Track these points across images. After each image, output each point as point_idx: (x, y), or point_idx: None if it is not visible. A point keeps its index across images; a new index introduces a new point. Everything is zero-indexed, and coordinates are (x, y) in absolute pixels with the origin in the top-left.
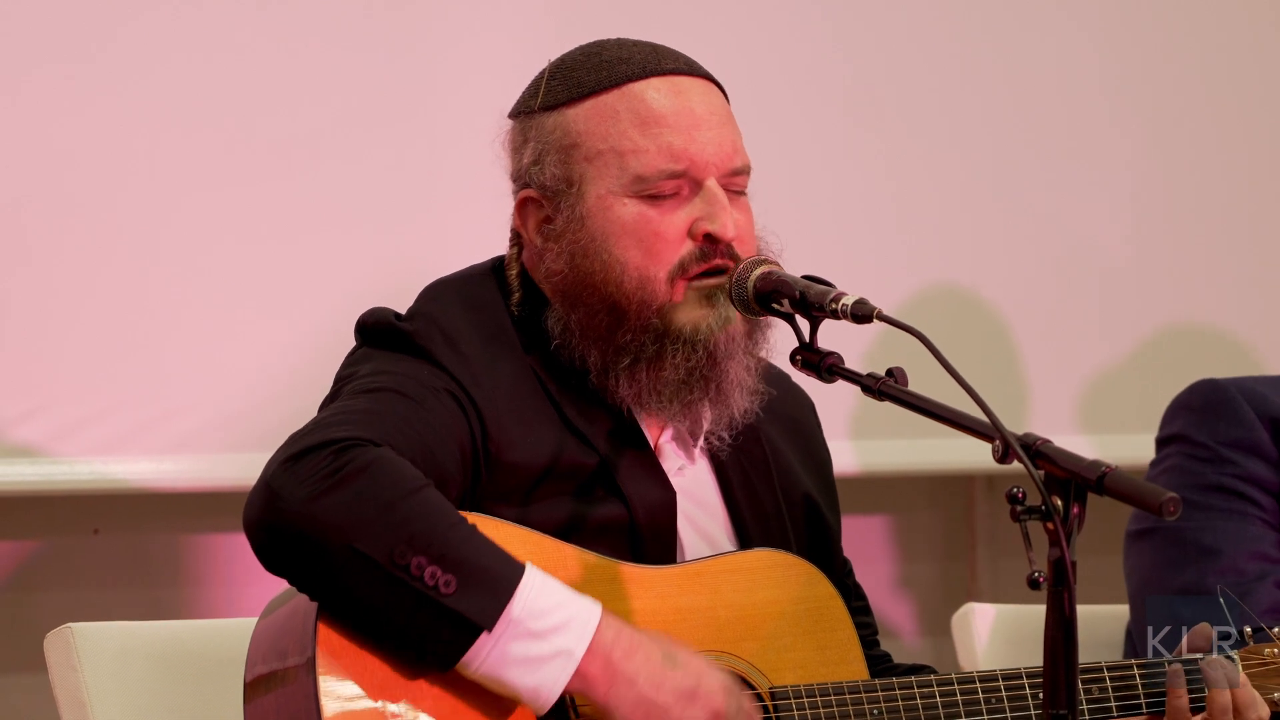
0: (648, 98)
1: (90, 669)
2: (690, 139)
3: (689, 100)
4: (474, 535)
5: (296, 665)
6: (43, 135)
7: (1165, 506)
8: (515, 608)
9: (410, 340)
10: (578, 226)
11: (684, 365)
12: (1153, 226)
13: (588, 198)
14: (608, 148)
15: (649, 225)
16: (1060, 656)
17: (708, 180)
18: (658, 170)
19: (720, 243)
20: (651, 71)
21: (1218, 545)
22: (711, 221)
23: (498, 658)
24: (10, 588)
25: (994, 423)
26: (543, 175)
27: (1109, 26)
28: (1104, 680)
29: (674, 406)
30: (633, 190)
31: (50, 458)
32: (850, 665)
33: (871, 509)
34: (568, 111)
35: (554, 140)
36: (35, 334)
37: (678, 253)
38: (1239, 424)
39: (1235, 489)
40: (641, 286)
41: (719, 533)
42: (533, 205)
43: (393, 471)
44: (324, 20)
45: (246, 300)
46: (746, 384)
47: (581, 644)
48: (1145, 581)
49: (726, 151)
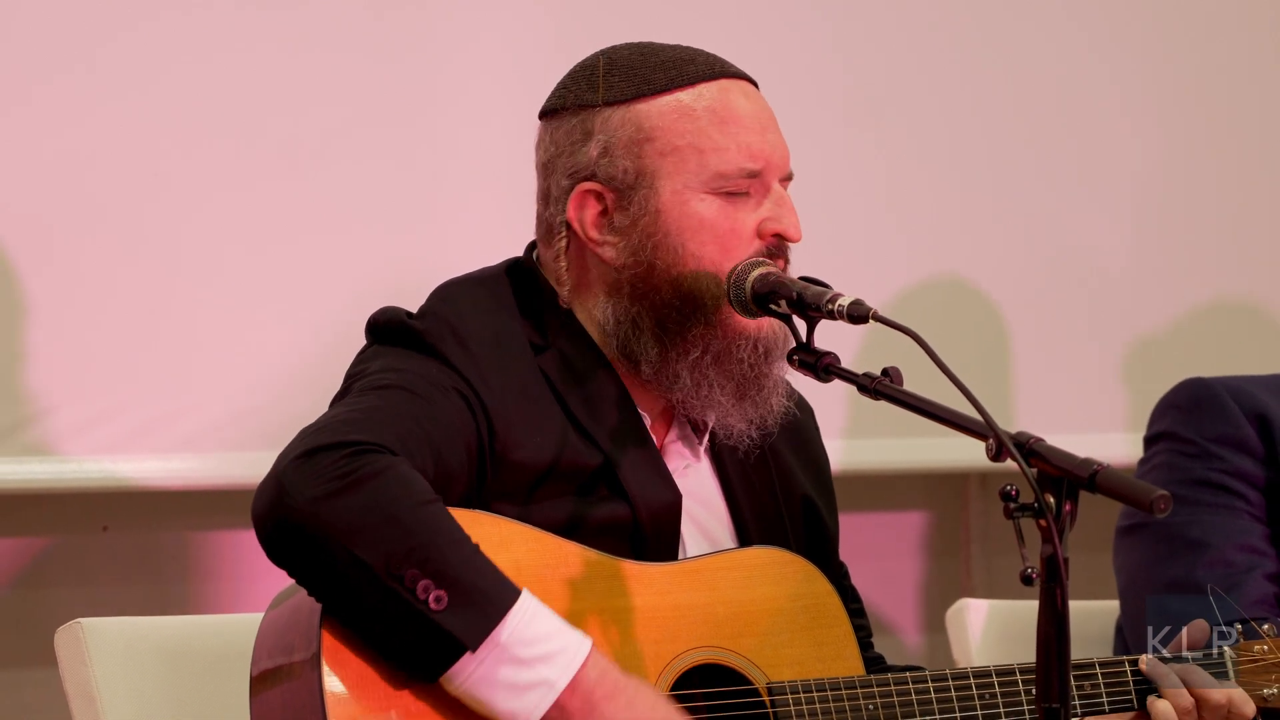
0: (727, 98)
1: (100, 663)
2: (764, 140)
3: (758, 104)
4: (474, 556)
5: (302, 660)
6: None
7: (1156, 504)
8: (503, 633)
9: (420, 339)
10: (651, 220)
11: (748, 361)
12: (1147, 227)
13: (662, 192)
14: (686, 144)
15: (726, 221)
16: (1053, 651)
17: (774, 182)
18: (738, 168)
19: (786, 243)
20: (720, 73)
21: (1206, 539)
22: (780, 222)
23: (480, 678)
24: (21, 584)
25: (988, 421)
26: (612, 169)
27: (1107, 26)
28: (1096, 676)
29: (727, 401)
30: (711, 186)
31: (61, 457)
32: (846, 661)
33: (867, 507)
34: (638, 106)
35: (624, 134)
36: (45, 337)
37: (749, 250)
38: (1225, 421)
39: (1222, 484)
40: (716, 281)
41: (721, 531)
42: (593, 198)
43: (403, 483)
44: (332, 28)
45: (254, 301)
46: (782, 386)
47: (565, 677)
48: (1135, 576)
49: (786, 156)
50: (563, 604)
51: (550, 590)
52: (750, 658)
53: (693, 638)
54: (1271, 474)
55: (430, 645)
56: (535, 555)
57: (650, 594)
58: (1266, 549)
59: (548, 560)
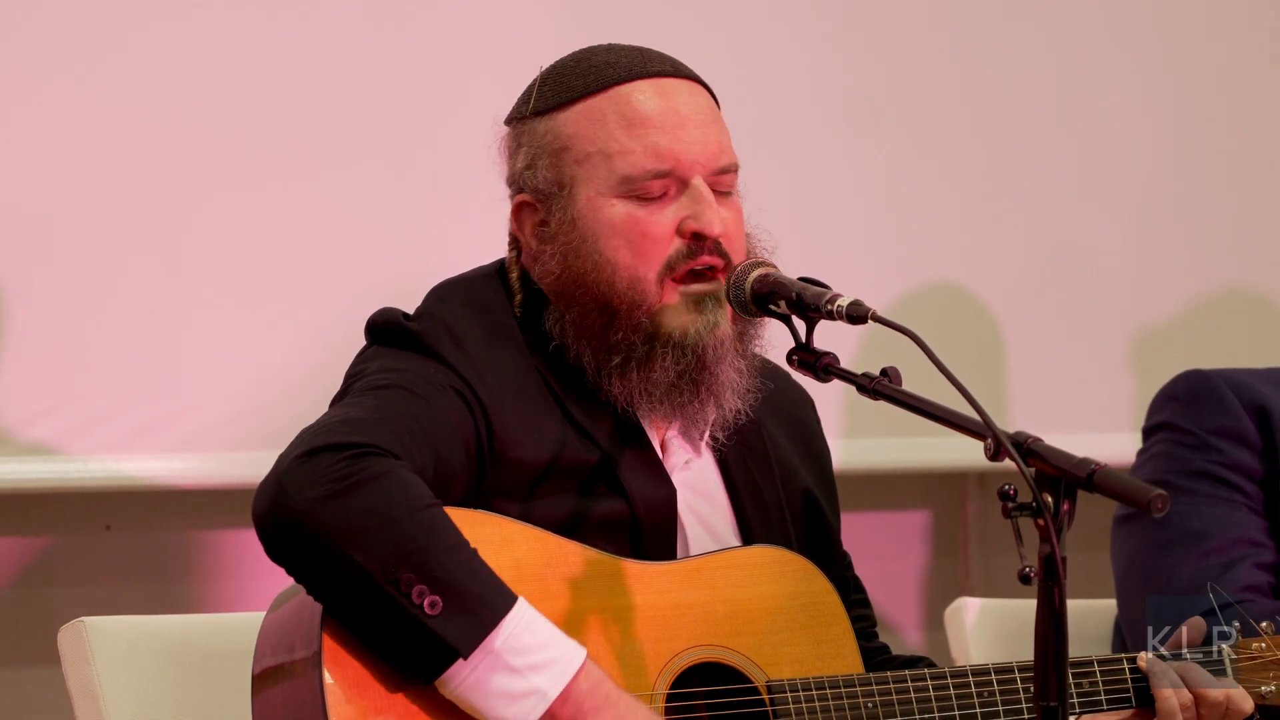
0: (633, 100)
1: (103, 662)
2: (676, 139)
3: (674, 101)
4: (472, 561)
5: (303, 659)
6: (60, 143)
7: (1154, 503)
8: (497, 640)
9: (418, 339)
10: (570, 228)
11: (673, 368)
12: (1143, 227)
13: (578, 200)
14: (595, 150)
15: (637, 225)
16: (1050, 650)
17: (694, 179)
18: (644, 170)
19: (707, 240)
20: (637, 74)
21: (1204, 530)
22: (698, 220)
23: (473, 684)
24: (24, 583)
25: (986, 421)
26: (535, 179)
27: (1103, 26)
28: (1094, 674)
29: (664, 407)
30: (620, 191)
31: (63, 456)
32: (845, 659)
33: (866, 506)
34: (557, 116)
35: (545, 145)
36: (48, 336)
37: (666, 251)
38: (1224, 412)
39: (1221, 476)
40: (632, 286)
41: (723, 525)
42: (528, 209)
43: (402, 486)
44: (333, 34)
45: (255, 302)
46: (738, 386)
47: (556, 687)
48: (1131, 566)
49: (712, 151)
50: (563, 603)
51: (551, 589)
52: (750, 656)
53: (692, 636)
54: (1269, 467)
55: (424, 650)
56: (536, 554)
57: (650, 593)
58: (1264, 540)
59: (548, 559)
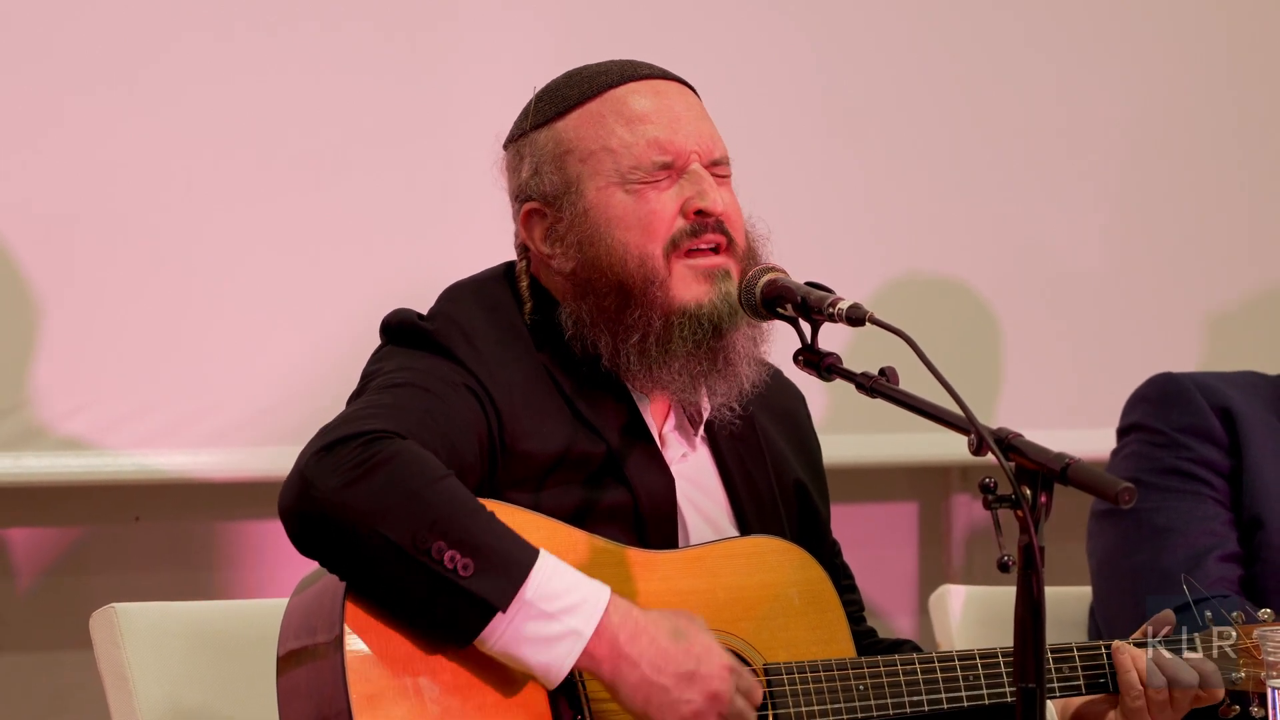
0: (629, 100)
1: (132, 646)
2: (674, 131)
3: (667, 99)
4: (491, 522)
5: (325, 641)
6: (91, 154)
7: (1120, 495)
8: (529, 590)
9: (431, 338)
10: (581, 221)
11: (691, 339)
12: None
13: (587, 194)
14: (599, 147)
15: (644, 206)
16: (1029, 635)
17: (693, 165)
18: (647, 162)
19: (710, 218)
20: (629, 77)
21: (1172, 524)
22: (701, 198)
23: (512, 636)
24: (58, 571)
25: (970, 418)
26: (542, 185)
27: (1091, 22)
28: (1074, 660)
29: (683, 379)
30: (627, 180)
31: (96, 450)
32: (838, 644)
33: (855, 498)
34: (557, 124)
35: (548, 152)
36: (82, 337)
37: (670, 230)
38: (1192, 412)
39: (1189, 471)
40: (642, 264)
41: (720, 515)
42: (536, 216)
43: (417, 461)
44: (348, 50)
45: (275, 305)
46: (753, 355)
47: (590, 625)
48: (1106, 559)
49: (707, 143)
50: None
51: None
52: (748, 640)
53: None
54: (1234, 461)
55: (463, 611)
56: (545, 543)
57: (655, 580)
58: (1228, 533)
59: (558, 548)
